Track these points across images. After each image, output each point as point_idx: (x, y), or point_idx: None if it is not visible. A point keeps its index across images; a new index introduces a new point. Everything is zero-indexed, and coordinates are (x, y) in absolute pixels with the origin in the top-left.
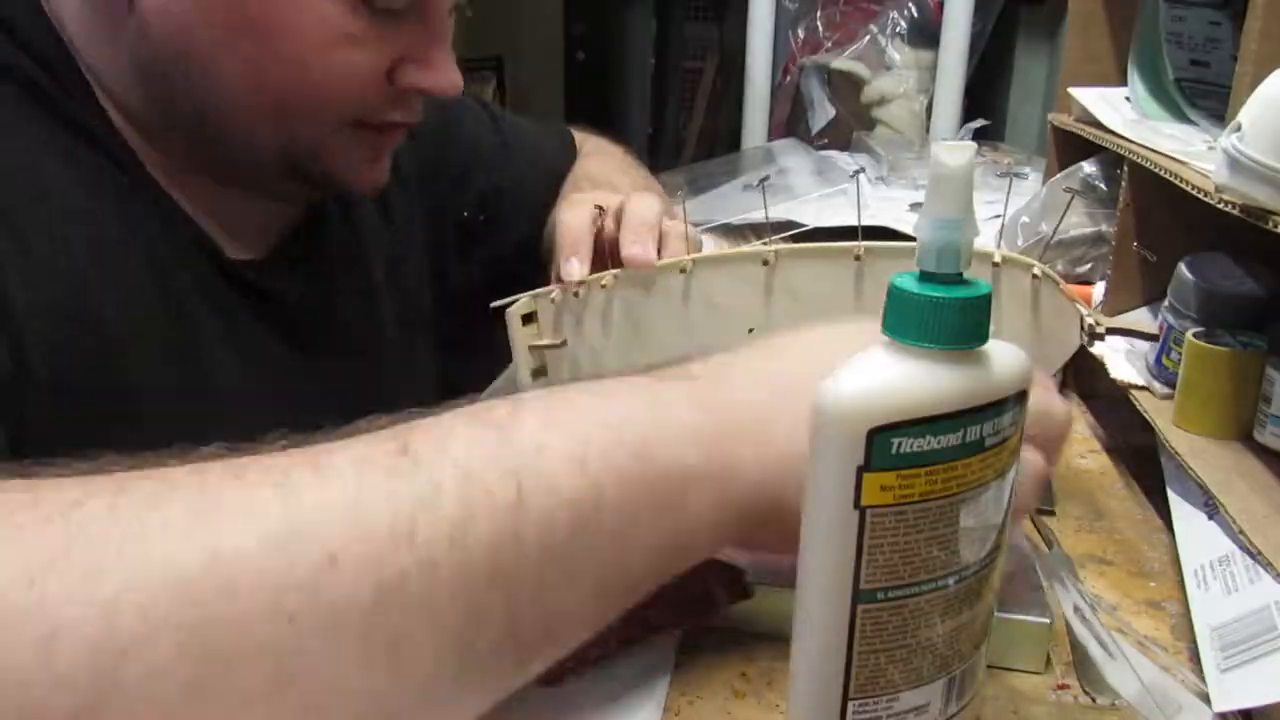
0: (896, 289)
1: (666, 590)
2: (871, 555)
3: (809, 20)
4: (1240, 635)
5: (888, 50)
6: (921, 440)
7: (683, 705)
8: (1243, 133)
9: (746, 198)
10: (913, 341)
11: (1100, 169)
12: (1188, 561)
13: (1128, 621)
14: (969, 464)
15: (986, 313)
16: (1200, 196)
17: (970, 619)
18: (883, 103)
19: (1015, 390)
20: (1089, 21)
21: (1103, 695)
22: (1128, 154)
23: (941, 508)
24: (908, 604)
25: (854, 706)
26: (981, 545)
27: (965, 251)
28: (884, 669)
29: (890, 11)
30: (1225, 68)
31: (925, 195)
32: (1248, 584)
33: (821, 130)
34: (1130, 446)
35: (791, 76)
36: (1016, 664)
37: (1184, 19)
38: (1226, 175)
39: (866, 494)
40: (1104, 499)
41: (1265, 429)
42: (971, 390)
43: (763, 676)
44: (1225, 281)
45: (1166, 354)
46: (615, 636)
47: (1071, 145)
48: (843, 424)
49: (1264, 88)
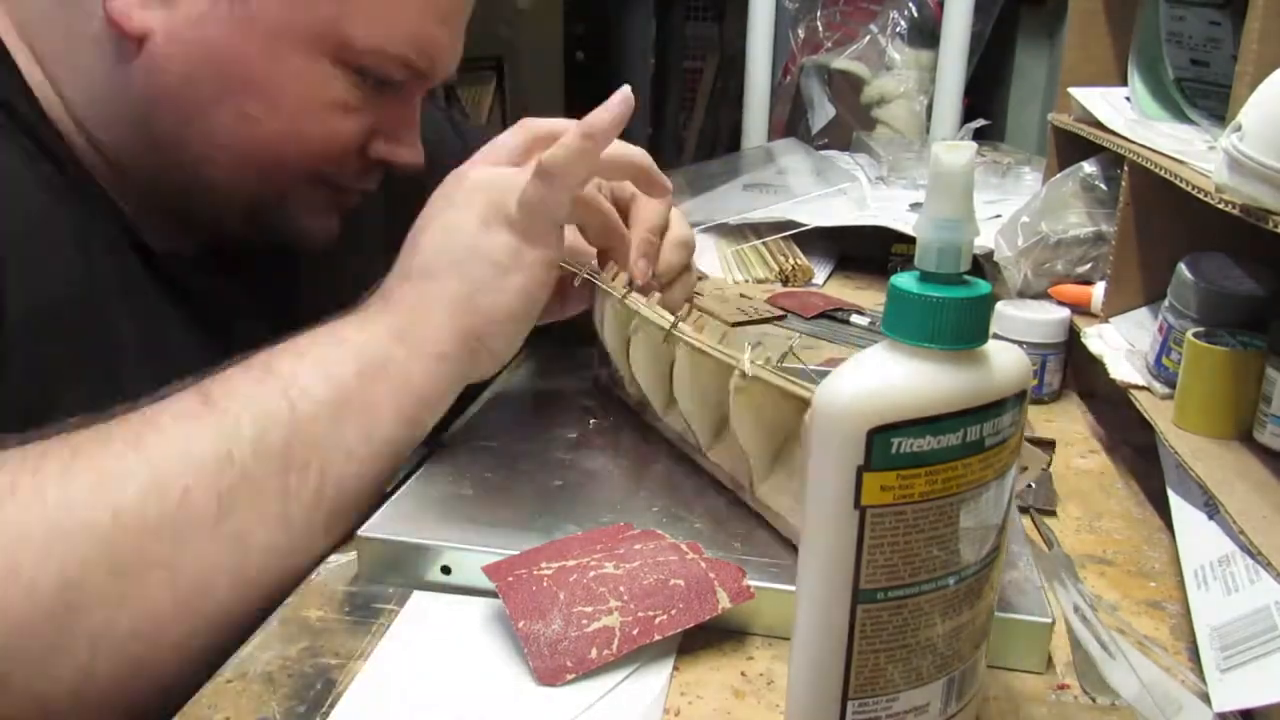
0: (897, 289)
1: (669, 592)
2: (871, 555)
3: (809, 20)
4: (1240, 635)
5: (888, 50)
6: (921, 440)
7: (683, 705)
8: (1243, 133)
9: (746, 198)
10: (913, 341)
11: (1100, 169)
12: (1188, 561)
13: (1128, 621)
14: (969, 464)
15: (987, 313)
16: (1200, 196)
17: (970, 619)
18: (883, 103)
19: (1015, 390)
20: (1089, 21)
21: (1103, 695)
22: (1128, 154)
23: (941, 508)
24: (907, 604)
25: (853, 706)
26: (981, 545)
27: (965, 251)
28: (884, 669)
29: (890, 11)
30: (1225, 68)
31: (925, 195)
32: (1248, 584)
33: (821, 130)
34: (1130, 446)
35: (791, 76)
36: (1018, 664)
37: (1184, 19)
38: (1226, 175)
39: (866, 494)
40: (1104, 499)
41: (1265, 429)
42: (971, 390)
43: (763, 676)
44: (1225, 281)
45: (1166, 354)
46: (617, 638)
47: (1071, 145)
48: (842, 424)
49: (1264, 88)
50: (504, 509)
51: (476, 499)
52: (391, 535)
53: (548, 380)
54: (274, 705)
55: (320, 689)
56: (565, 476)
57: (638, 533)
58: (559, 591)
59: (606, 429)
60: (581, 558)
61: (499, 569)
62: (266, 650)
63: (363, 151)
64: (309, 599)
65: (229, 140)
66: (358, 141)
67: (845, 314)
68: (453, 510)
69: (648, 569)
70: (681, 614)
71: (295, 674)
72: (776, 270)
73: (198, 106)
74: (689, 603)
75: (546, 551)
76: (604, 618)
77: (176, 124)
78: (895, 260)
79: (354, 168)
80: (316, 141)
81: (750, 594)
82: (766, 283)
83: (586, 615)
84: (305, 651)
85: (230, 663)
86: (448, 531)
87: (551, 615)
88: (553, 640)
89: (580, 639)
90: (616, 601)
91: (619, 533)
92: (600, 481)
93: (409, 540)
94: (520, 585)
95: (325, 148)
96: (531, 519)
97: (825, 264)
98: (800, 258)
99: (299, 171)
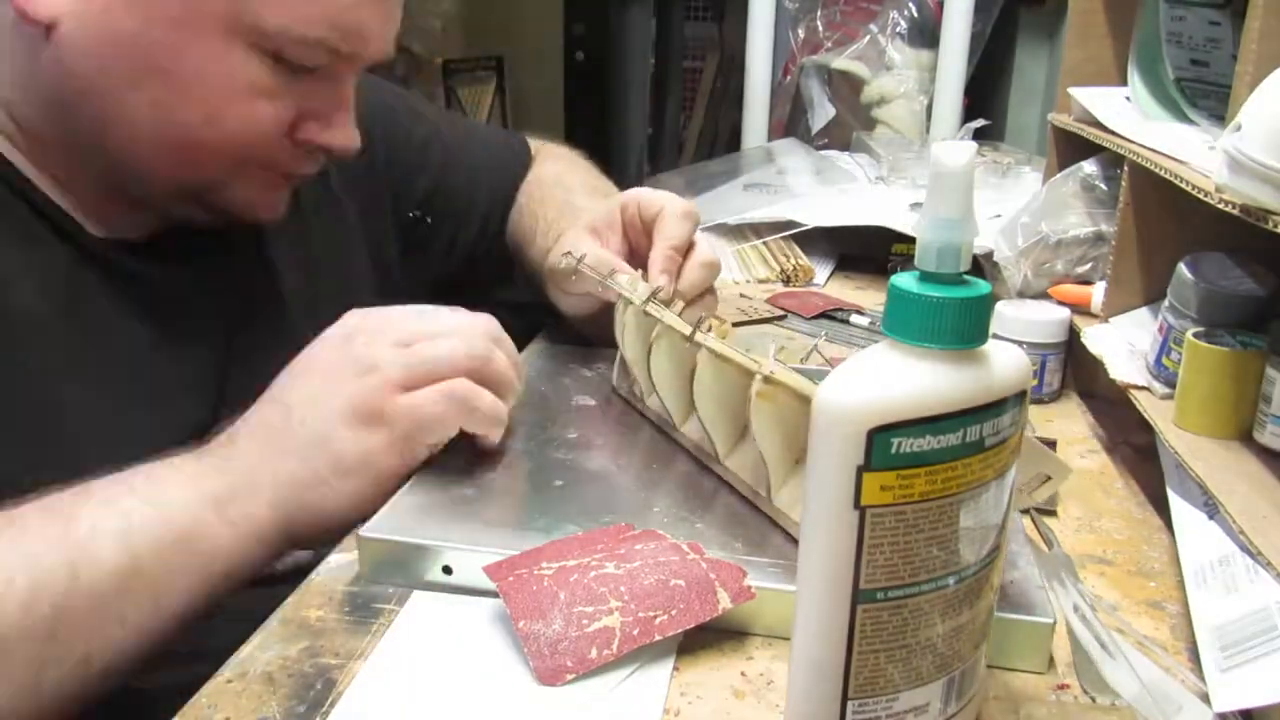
0: (897, 289)
1: (670, 592)
2: (871, 555)
3: (809, 20)
4: (1240, 635)
5: (888, 50)
6: (921, 440)
7: (683, 705)
8: (1243, 133)
9: (746, 198)
10: (913, 341)
11: (1100, 169)
12: (1188, 561)
13: (1128, 621)
14: (969, 464)
15: (987, 313)
16: (1200, 196)
17: (970, 619)
18: (883, 103)
19: (1015, 390)
20: (1089, 21)
21: (1103, 695)
22: (1128, 154)
23: (941, 508)
24: (907, 604)
25: (853, 706)
26: (981, 545)
27: (965, 251)
28: (883, 668)
29: (890, 11)
30: (1225, 68)
31: (926, 195)
32: (1248, 584)
33: (821, 130)
34: (1130, 446)
35: (791, 76)
36: (1020, 664)
37: (1184, 19)
38: (1226, 175)
39: (866, 494)
40: (1104, 499)
41: (1265, 429)
42: (972, 390)
43: (763, 676)
44: (1225, 281)
45: (1166, 354)
46: (617, 638)
47: (1071, 145)
48: (842, 424)
49: (1264, 88)
50: (505, 509)
51: (478, 499)
52: (393, 535)
53: (550, 380)
54: (274, 705)
55: (320, 689)
56: (566, 477)
57: (639, 533)
58: (560, 591)
59: (608, 429)
60: (582, 558)
61: (500, 569)
62: (266, 650)
63: (292, 135)
64: (309, 599)
65: (147, 128)
66: (281, 126)
67: (845, 314)
68: (454, 510)
69: (648, 569)
70: (682, 614)
71: (295, 674)
72: (777, 270)
73: (112, 95)
74: (690, 603)
75: (547, 551)
76: (604, 618)
77: (94, 111)
78: (895, 260)
79: (281, 152)
80: (235, 127)
81: (751, 594)
82: (767, 283)
83: (587, 615)
84: (305, 651)
85: (230, 663)
86: (449, 531)
87: (552, 615)
88: (553, 640)
89: (580, 639)
90: (617, 602)
91: (620, 533)
92: (601, 482)
93: (410, 540)
94: (521, 585)
95: (245, 133)
96: (532, 519)
97: (825, 264)
98: (801, 258)
99: (223, 157)
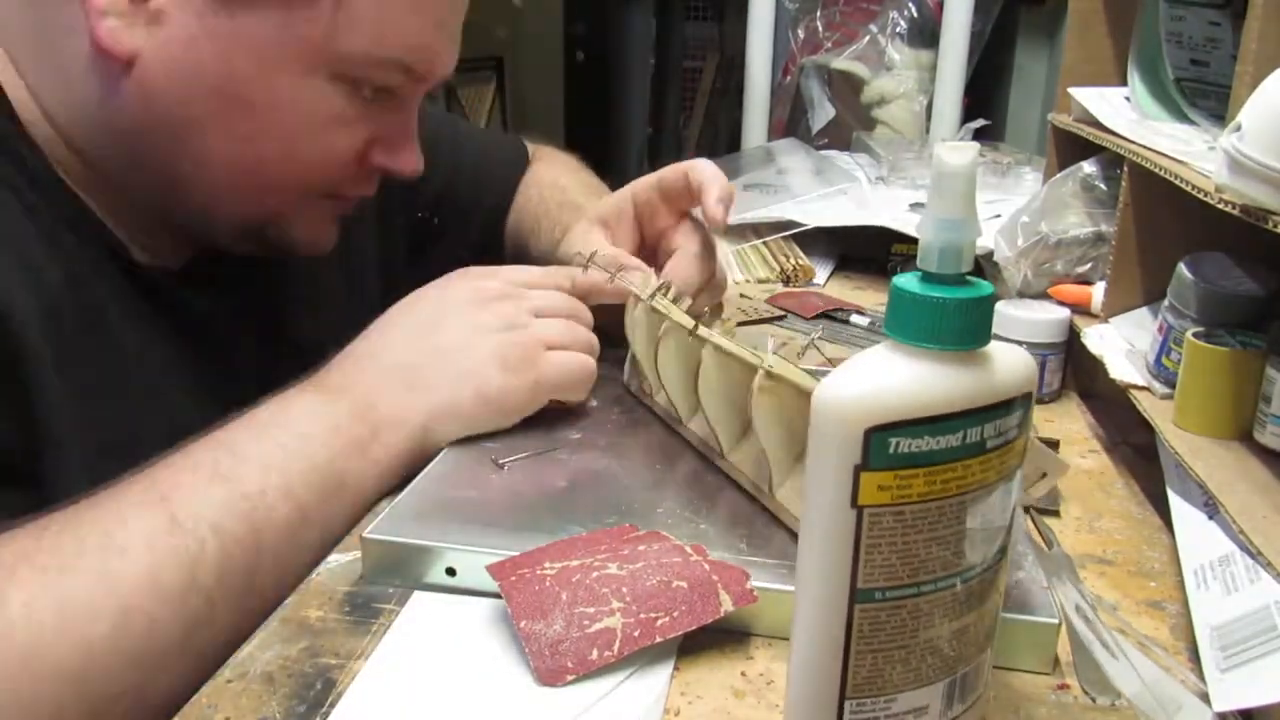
0: (898, 289)
1: (672, 594)
2: (869, 555)
3: (809, 20)
4: (1240, 635)
5: (888, 50)
6: (919, 440)
7: (683, 705)
8: (1243, 133)
9: (747, 198)
10: (915, 342)
11: (1100, 169)
12: (1188, 561)
13: (1128, 621)
14: (969, 465)
15: (988, 314)
16: (1200, 196)
17: (975, 621)
18: (883, 103)
19: (1019, 393)
20: (1089, 21)
21: (1103, 695)
22: (1128, 154)
23: (942, 509)
24: (906, 604)
25: (851, 706)
26: (986, 547)
27: (967, 252)
28: (882, 669)
29: (890, 11)
30: (1225, 68)
31: (928, 195)
32: (1248, 584)
33: (821, 130)
34: (1130, 446)
35: (791, 76)
36: (1023, 665)
37: (1184, 19)
38: (1226, 175)
39: (864, 493)
40: (1104, 499)
41: (1265, 429)
42: (972, 391)
43: (762, 676)
44: (1225, 281)
45: (1166, 354)
46: (618, 639)
47: (1071, 145)
48: (840, 423)
49: (1264, 88)
50: (508, 510)
51: (480, 500)
52: (396, 537)
53: None
54: (274, 705)
55: (320, 689)
56: (569, 477)
57: (642, 534)
58: (561, 592)
59: (613, 429)
60: (585, 558)
61: (502, 568)
62: (266, 650)
63: (361, 160)
64: (309, 599)
65: (223, 161)
66: (354, 154)
67: (845, 314)
68: (457, 512)
69: (651, 570)
70: (684, 616)
71: (295, 674)
72: (778, 270)
73: (189, 128)
74: (691, 605)
75: (550, 552)
76: (606, 619)
77: (168, 145)
78: (896, 260)
79: (350, 178)
80: (314, 159)
81: (753, 597)
82: (768, 283)
83: (589, 616)
84: (305, 651)
85: (230, 662)
86: (452, 533)
87: (553, 616)
88: (554, 641)
89: (582, 640)
90: (619, 603)
91: (623, 534)
92: (606, 483)
93: (414, 542)
94: (523, 585)
95: (323, 164)
96: (536, 520)
97: (825, 264)
98: (801, 258)
99: (296, 188)
